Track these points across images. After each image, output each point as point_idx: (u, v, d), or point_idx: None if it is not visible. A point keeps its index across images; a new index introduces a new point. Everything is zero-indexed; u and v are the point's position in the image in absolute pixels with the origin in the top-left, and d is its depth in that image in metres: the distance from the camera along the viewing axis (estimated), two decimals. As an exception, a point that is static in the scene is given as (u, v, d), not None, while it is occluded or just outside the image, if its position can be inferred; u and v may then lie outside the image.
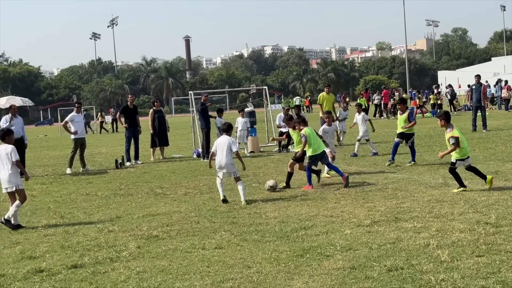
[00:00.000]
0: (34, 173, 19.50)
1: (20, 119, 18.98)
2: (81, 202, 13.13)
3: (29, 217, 11.72)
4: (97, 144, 32.88)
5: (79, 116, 20.12)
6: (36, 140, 41.06)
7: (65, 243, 9.13)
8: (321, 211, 10.46)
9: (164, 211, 11.46)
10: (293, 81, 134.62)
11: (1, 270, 7.78)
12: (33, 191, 15.36)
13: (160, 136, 22.04)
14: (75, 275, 7.38)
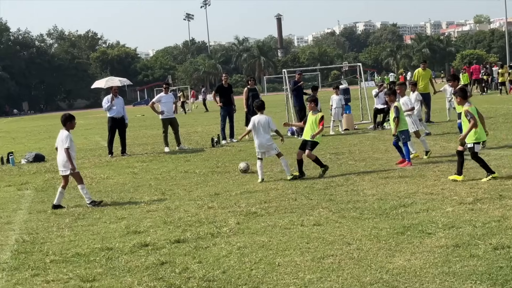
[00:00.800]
0: (134, 151, 20.14)
1: (121, 99, 19.60)
2: (180, 180, 13.46)
3: (132, 193, 12.14)
4: (193, 123, 33.51)
5: (166, 97, 20.50)
6: (134, 120, 42.31)
7: (167, 219, 9.40)
8: (420, 189, 10.27)
9: (261, 188, 11.58)
10: (386, 58, 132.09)
11: (109, 243, 8.11)
12: (134, 168, 15.88)
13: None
14: (179, 250, 7.60)
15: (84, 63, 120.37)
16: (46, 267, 7.26)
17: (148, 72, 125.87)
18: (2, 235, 9.22)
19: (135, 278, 6.54)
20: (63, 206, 11.10)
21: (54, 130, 38.58)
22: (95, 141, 26.84)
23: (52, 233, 9.10)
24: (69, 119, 11.43)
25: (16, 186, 14.30)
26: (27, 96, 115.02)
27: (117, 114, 19.26)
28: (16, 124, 55.83)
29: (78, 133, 33.40)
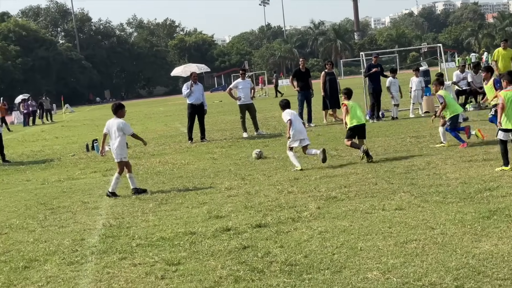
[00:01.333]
0: (213, 137, 20.40)
1: (200, 86, 19.87)
2: (260, 165, 13.55)
3: (212, 179, 12.31)
4: (270, 108, 33.58)
5: (243, 83, 20.58)
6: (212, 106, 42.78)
7: (248, 204, 9.50)
8: (506, 172, 9.97)
9: (340, 172, 11.52)
10: (467, 38, 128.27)
11: (192, 228, 8.28)
12: (213, 154, 16.10)
13: (331, 98, 22.04)
14: (260, 234, 7.68)
15: (162, 50, 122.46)
16: (132, 250, 7.48)
17: (225, 58, 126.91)
18: (90, 219, 9.56)
19: (218, 262, 6.66)
20: (118, 194, 11.37)
21: (136, 117, 39.57)
22: (175, 127, 27.33)
23: (137, 217, 9.36)
24: (120, 108, 11.76)
25: (101, 172, 14.76)
26: (109, 84, 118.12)
27: (196, 101, 19.55)
28: (99, 111, 57.48)
29: (159, 120, 34.14)
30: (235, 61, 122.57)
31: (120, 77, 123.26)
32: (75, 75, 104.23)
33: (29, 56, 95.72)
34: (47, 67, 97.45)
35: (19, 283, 6.63)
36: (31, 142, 26.96)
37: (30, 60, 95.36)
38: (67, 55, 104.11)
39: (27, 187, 13.62)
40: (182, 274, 6.37)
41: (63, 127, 36.86)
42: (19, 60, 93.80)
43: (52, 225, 9.36)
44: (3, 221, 9.99)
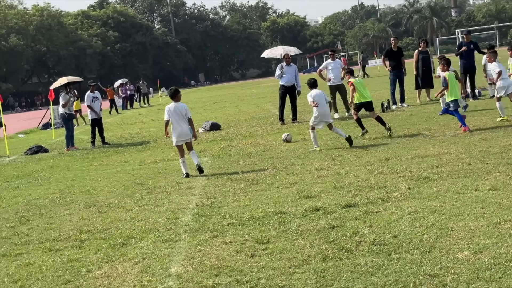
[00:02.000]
0: (304, 118, 20.41)
1: (293, 67, 19.97)
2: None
3: (303, 159, 12.38)
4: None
5: (333, 63, 20.42)
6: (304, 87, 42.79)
7: (337, 184, 9.51)
8: None
9: (433, 152, 11.31)
10: None
11: (282, 208, 8.39)
12: (304, 135, 16.15)
13: (423, 78, 21.53)
14: (349, 214, 7.69)
15: (255, 33, 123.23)
16: (224, 229, 7.68)
17: (317, 39, 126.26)
18: (183, 199, 9.85)
19: (307, 241, 6.74)
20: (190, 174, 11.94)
21: (229, 99, 40.17)
22: (267, 109, 27.54)
23: (228, 197, 9.57)
24: (177, 92, 12.30)
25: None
26: (203, 67, 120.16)
27: (287, 82, 19.66)
28: (194, 94, 58.65)
29: (251, 102, 34.49)
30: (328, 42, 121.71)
31: (214, 60, 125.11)
32: (171, 59, 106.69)
33: (127, 41, 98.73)
34: (144, 52, 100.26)
35: (117, 258, 6.96)
36: (129, 125, 27.92)
37: (128, 45, 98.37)
38: (163, 40, 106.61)
39: (125, 168, 14.16)
40: (271, 252, 6.50)
41: (159, 110, 37.83)
42: (117, 45, 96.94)
43: (148, 205, 9.72)
44: (103, 200, 10.46)
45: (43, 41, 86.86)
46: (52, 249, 7.66)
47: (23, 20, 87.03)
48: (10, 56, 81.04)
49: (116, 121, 32.08)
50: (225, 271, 6.10)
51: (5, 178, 14.73)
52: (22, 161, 17.94)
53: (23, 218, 9.74)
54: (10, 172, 15.76)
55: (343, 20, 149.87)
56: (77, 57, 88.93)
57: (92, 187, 11.99)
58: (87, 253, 7.33)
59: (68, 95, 19.77)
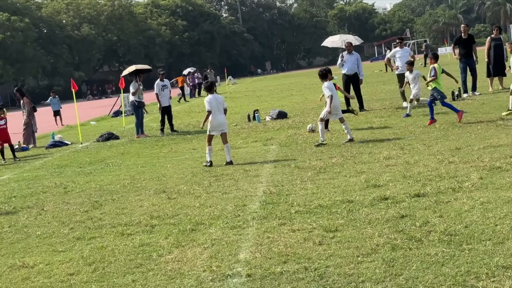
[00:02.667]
0: (372, 106, 20.24)
1: (355, 56, 19.78)
2: (419, 134, 13.26)
3: (371, 148, 12.26)
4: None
5: (402, 51, 20.05)
6: (371, 76, 42.35)
7: (406, 173, 9.39)
8: None
9: (506, 142, 11.01)
10: None
11: (349, 196, 8.35)
12: (372, 124, 16.00)
13: (495, 65, 20.92)
14: (418, 203, 7.59)
15: (322, 21, 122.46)
16: (291, 217, 7.70)
17: (386, 27, 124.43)
18: (251, 187, 9.93)
19: (375, 230, 6.69)
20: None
21: (295, 87, 40.11)
22: (334, 97, 27.33)
23: (296, 185, 9.58)
24: (212, 86, 13.01)
25: (262, 142, 15.21)
26: (270, 56, 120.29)
27: (349, 71, 19.58)
28: (260, 83, 58.81)
29: (317, 90, 34.27)
30: (397, 29, 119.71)
31: (280, 48, 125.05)
32: (238, 48, 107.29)
33: (195, 30, 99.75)
34: (212, 41, 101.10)
35: (186, 244, 7.09)
36: (197, 113, 28.27)
37: (196, 34, 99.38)
38: (230, 28, 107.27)
39: (194, 155, 14.36)
40: (339, 241, 6.48)
41: (226, 98, 37.95)
42: (185, 34, 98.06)
43: (216, 191, 9.84)
44: (172, 187, 10.65)
45: (114, 30, 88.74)
46: (124, 233, 7.86)
47: (95, 10, 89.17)
48: (82, 45, 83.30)
49: (184, 109, 32.52)
50: (293, 258, 6.14)
51: (78, 164, 15.17)
52: (94, 148, 18.43)
53: (96, 203, 10.02)
54: (83, 158, 16.22)
55: (412, 7, 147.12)
56: (146, 46, 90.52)
57: (162, 174, 12.22)
58: (157, 238, 7.49)
59: (138, 83, 20.14)
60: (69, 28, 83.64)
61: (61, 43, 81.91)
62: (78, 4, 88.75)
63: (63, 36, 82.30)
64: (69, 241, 7.84)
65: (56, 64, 79.94)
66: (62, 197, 10.90)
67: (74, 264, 6.81)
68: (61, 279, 6.34)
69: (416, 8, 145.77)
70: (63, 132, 25.55)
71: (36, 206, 10.36)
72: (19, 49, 73.12)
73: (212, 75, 50.69)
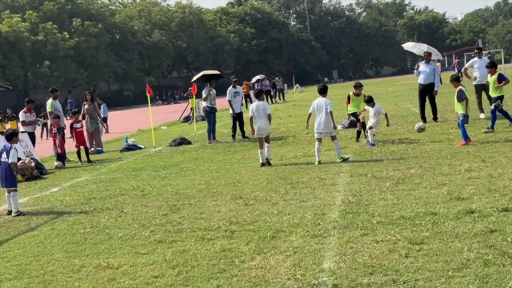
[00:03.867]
0: (447, 117, 19.84)
1: (432, 65, 19.58)
2: (501, 147, 12.87)
3: (450, 160, 11.96)
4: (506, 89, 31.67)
5: (479, 62, 19.57)
6: (444, 86, 41.43)
7: (491, 187, 9.11)
8: None
9: None
10: None
11: (433, 208, 8.15)
12: (449, 135, 15.68)
13: None
14: (508, 218, 7.34)
15: (391, 30, 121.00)
16: (373, 227, 7.57)
17: (456, 37, 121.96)
18: (328, 195, 9.83)
19: (464, 244, 6.50)
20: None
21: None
22: (406, 107, 26.95)
23: (374, 195, 9.43)
24: (262, 92, 14.84)
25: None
26: (337, 64, 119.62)
27: (425, 81, 19.40)
28: (329, 91, 58.42)
29: (388, 100, 33.89)
30: (467, 40, 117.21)
31: (348, 57, 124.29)
32: (305, 56, 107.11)
33: (263, 37, 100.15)
34: (279, 48, 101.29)
35: (268, 251, 7.05)
36: (266, 120, 28.22)
37: (264, 42, 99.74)
38: (298, 36, 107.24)
39: (267, 162, 14.33)
40: (427, 254, 6.32)
41: (294, 106, 38.09)
42: (253, 42, 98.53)
43: (293, 199, 9.79)
44: (248, 193, 10.65)
45: (183, 37, 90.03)
46: (205, 238, 7.89)
47: (166, 17, 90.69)
48: (153, 51, 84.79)
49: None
50: (379, 270, 6.02)
51: (153, 168, 15.39)
52: (167, 152, 18.66)
53: (174, 206, 10.12)
54: (157, 162, 16.44)
55: (484, 17, 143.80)
56: (214, 53, 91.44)
57: (237, 180, 12.25)
58: (238, 243, 7.48)
59: (209, 89, 20.30)
60: (140, 34, 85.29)
61: (133, 48, 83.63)
62: (150, 11, 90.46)
63: (135, 42, 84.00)
64: (150, 243, 7.92)
65: (127, 69, 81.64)
66: (140, 200, 11.06)
67: (157, 266, 6.87)
68: (146, 281, 6.40)
69: (489, 18, 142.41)
70: (135, 136, 26.02)
71: (116, 208, 10.55)
72: (92, 54, 75.06)
73: (280, 82, 50.72)
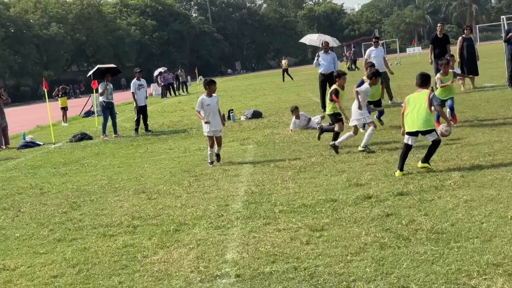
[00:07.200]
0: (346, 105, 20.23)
1: (331, 55, 19.83)
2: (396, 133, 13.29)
3: (349, 147, 12.24)
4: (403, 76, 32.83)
5: (376, 51, 20.20)
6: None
7: (387, 172, 9.42)
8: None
9: (483, 140, 11.12)
10: None
11: (333, 195, 8.34)
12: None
13: (468, 65, 21.16)
14: (403, 202, 7.61)
15: (291, 21, 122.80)
16: (275, 216, 7.66)
17: (354, 27, 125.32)
18: (232, 186, 9.87)
19: (362, 229, 6.69)
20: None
21: (268, 87, 40.11)
22: (307, 97, 27.41)
23: (277, 185, 9.54)
24: (210, 83, 12.66)
25: (239, 141, 15.14)
26: (240, 56, 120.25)
27: (325, 70, 19.64)
28: (232, 83, 58.70)
29: (290, 90, 34.39)
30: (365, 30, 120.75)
31: (250, 48, 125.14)
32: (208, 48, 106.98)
33: (164, 30, 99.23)
34: (181, 40, 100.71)
35: (171, 244, 7.00)
36: (170, 113, 28.07)
37: (166, 34, 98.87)
38: (200, 28, 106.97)
39: (170, 155, 14.24)
40: (327, 240, 6.46)
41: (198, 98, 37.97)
42: (155, 34, 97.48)
43: (197, 191, 9.76)
44: (151, 187, 10.53)
45: (82, 30, 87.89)
46: (106, 234, 7.74)
47: (63, 9, 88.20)
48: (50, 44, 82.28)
49: (157, 109, 32.29)
50: (281, 258, 6.09)
51: (52, 165, 14.94)
52: (68, 148, 18.17)
53: (74, 204, 9.86)
54: (57, 159, 15.98)
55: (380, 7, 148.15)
56: (115, 46, 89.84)
57: (140, 174, 12.09)
58: (141, 239, 7.39)
59: (105, 84, 19.92)
60: (37, 28, 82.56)
61: (29, 42, 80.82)
62: (46, 4, 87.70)
63: (31, 36, 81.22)
64: (49, 243, 7.69)
65: (23, 64, 78.86)
66: (38, 198, 10.71)
67: (57, 266, 6.67)
68: (45, 282, 6.21)
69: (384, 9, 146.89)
70: (33, 132, 25.18)
71: (12, 207, 10.17)
72: (-15, 49, 72.05)
73: (183, 75, 50.47)
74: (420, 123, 9.08)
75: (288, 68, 49.36)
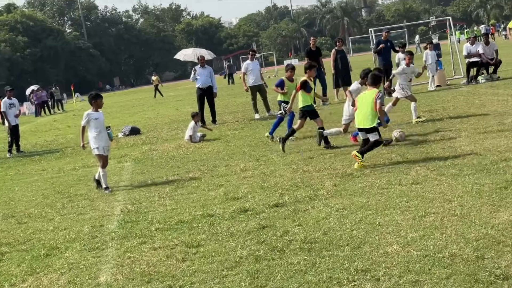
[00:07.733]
0: (225, 119, 20.42)
1: (208, 69, 19.89)
2: (273, 145, 13.52)
3: (227, 161, 12.32)
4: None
5: (253, 64, 20.51)
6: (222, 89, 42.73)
7: (264, 184, 9.52)
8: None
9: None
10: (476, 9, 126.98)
11: (210, 210, 8.32)
12: (226, 136, 16.11)
13: (343, 76, 21.92)
14: (278, 213, 7.71)
15: (169, 35, 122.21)
16: (152, 234, 7.54)
17: (232, 41, 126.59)
18: (107, 206, 9.62)
19: (238, 243, 6.70)
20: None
21: (147, 103, 39.62)
22: (186, 111, 27.25)
23: (154, 202, 9.41)
24: (96, 97, 11.50)
25: (116, 159, 14.81)
26: (118, 71, 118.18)
27: (203, 84, 19.66)
28: (110, 99, 57.53)
29: (169, 105, 34.16)
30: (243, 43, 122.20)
31: (128, 63, 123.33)
32: (84, 64, 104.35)
33: (37, 46, 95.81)
34: (56, 57, 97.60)
35: (41, 270, 6.70)
36: (44, 132, 27.08)
37: (39, 51, 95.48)
38: (75, 44, 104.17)
39: (43, 177, 13.70)
40: (203, 256, 6.42)
41: (74, 116, 36.91)
42: (27, 51, 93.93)
43: (71, 213, 9.44)
44: (22, 211, 10.06)
45: None
46: (-29, 264, 7.31)
47: None
48: None
49: (30, 128, 31.07)
50: (156, 277, 5.98)
51: None
52: None
53: None
54: None
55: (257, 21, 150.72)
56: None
57: (9, 197, 11.54)
58: (9, 266, 7.03)
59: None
60: None
61: None
62: None
63: None
64: None
65: None
66: None
67: None
68: None
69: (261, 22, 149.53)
70: None
71: None
72: None
73: (58, 92, 48.88)
74: (363, 120, 9.89)
75: (159, 84, 49.52)
